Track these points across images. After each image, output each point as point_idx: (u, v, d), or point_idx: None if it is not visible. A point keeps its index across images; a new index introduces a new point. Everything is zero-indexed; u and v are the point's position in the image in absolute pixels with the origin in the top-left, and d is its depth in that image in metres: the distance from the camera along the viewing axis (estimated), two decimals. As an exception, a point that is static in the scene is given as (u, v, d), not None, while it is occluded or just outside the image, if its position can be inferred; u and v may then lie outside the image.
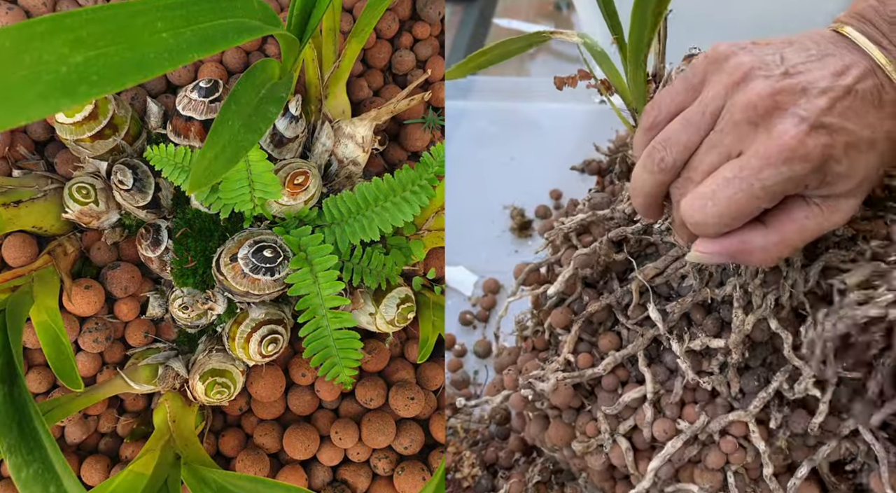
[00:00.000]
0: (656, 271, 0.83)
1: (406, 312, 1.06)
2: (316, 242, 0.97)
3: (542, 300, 0.94)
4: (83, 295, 1.06)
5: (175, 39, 0.60)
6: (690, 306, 0.81)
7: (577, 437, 0.88)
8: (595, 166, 1.05)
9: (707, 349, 0.82)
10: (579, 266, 0.86)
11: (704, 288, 0.80)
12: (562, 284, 0.88)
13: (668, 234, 0.83)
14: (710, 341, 0.80)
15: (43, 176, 1.09)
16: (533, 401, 0.89)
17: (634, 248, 0.86)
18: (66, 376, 0.94)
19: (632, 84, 0.78)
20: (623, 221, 0.86)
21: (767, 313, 0.77)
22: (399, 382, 1.14)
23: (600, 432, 0.86)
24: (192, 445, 1.02)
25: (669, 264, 0.83)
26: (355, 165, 1.11)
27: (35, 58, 0.50)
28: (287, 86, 0.84)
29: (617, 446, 0.85)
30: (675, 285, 0.84)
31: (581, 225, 0.89)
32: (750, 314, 0.77)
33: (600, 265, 0.87)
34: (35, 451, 0.78)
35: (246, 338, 1.01)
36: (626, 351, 0.85)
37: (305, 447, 1.10)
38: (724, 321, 0.81)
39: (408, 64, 1.31)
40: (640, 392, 0.84)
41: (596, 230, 0.88)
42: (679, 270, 0.82)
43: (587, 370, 0.86)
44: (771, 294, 0.76)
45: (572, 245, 0.91)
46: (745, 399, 0.81)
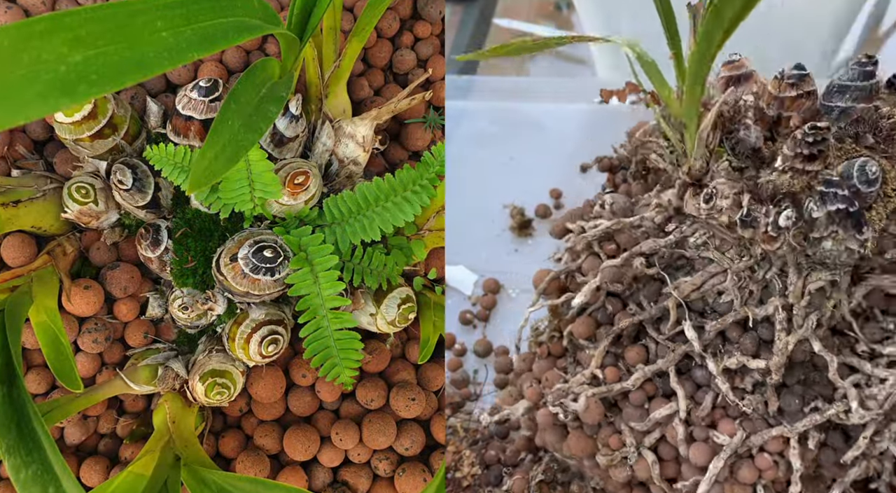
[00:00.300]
0: (693, 286, 0.82)
1: (407, 312, 1.06)
2: (316, 242, 0.97)
3: (562, 309, 0.93)
4: (82, 295, 1.06)
5: (175, 38, 0.60)
6: (730, 324, 0.81)
7: (601, 449, 0.87)
8: (607, 163, 1.04)
9: (743, 367, 0.81)
10: (608, 280, 0.85)
11: (744, 307, 0.79)
12: (587, 294, 0.86)
13: (704, 249, 0.81)
14: (748, 361, 0.79)
15: (42, 176, 1.09)
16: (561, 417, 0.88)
17: (665, 260, 0.85)
18: (66, 376, 0.94)
19: (687, 100, 0.75)
20: (652, 232, 0.85)
21: (809, 333, 0.76)
22: (400, 383, 1.14)
23: (625, 445, 0.85)
24: (191, 446, 1.02)
25: (707, 279, 0.82)
26: (356, 165, 1.11)
27: (34, 57, 0.50)
28: (287, 85, 0.84)
29: (643, 459, 0.85)
30: (710, 301, 0.83)
31: (605, 232, 0.88)
32: (791, 334, 0.76)
33: (627, 283, 0.86)
34: (34, 452, 0.78)
35: (246, 338, 1.01)
36: (657, 366, 0.84)
37: (306, 448, 1.09)
38: (762, 340, 0.80)
39: (409, 63, 1.31)
40: (671, 409, 0.83)
41: (621, 238, 0.87)
42: (716, 286, 0.81)
43: (616, 385, 0.85)
44: (813, 315, 0.76)
45: (594, 252, 0.90)
46: (782, 416, 0.80)
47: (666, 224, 0.85)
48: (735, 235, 0.78)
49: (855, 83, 0.72)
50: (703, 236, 0.81)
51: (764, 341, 0.80)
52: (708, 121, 0.75)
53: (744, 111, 0.77)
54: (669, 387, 0.84)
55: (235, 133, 0.72)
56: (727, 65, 0.79)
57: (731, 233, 0.78)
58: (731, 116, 0.78)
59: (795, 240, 0.72)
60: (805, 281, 0.75)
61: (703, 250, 0.81)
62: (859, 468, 0.80)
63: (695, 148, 0.77)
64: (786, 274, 0.76)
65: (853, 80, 0.73)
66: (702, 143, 0.77)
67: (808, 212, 0.70)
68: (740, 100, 0.78)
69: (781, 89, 0.75)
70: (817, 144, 0.69)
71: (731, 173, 0.76)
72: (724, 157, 0.76)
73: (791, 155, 0.71)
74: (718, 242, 0.80)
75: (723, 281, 0.80)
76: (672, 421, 0.83)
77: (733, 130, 0.77)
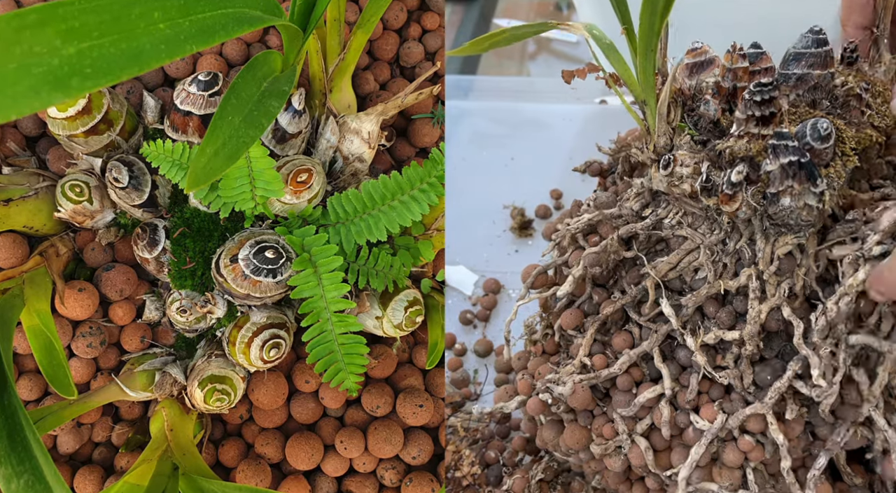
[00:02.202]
0: (669, 265, 0.85)
1: (414, 315, 1.05)
2: (320, 242, 0.97)
3: (551, 303, 0.96)
4: (76, 298, 1.06)
5: (173, 30, 0.60)
6: (704, 298, 0.83)
7: (595, 440, 0.90)
8: (596, 168, 1.08)
9: (721, 343, 0.84)
10: (589, 265, 0.88)
11: (718, 280, 0.82)
12: (571, 284, 0.90)
13: (678, 228, 0.84)
14: (724, 334, 0.82)
15: (34, 173, 1.08)
16: (550, 405, 0.91)
17: (644, 244, 0.88)
18: (59, 382, 0.94)
19: (641, 76, 0.79)
20: (631, 218, 0.88)
21: (781, 301, 0.79)
22: (407, 389, 1.14)
23: (618, 433, 0.88)
24: (190, 455, 1.01)
25: (682, 257, 0.84)
26: (361, 162, 1.11)
27: (25, 49, 0.49)
28: (290, 79, 0.83)
29: (636, 446, 0.87)
30: (687, 280, 0.86)
31: (588, 225, 0.91)
32: (764, 303, 0.79)
33: (610, 263, 0.89)
34: (25, 461, 0.78)
35: (247, 343, 1.00)
36: (641, 348, 0.87)
37: (309, 457, 1.09)
38: (738, 313, 0.83)
39: (416, 56, 1.31)
40: (656, 391, 0.86)
41: (603, 229, 0.90)
42: (692, 263, 0.84)
43: (603, 371, 0.87)
44: (785, 283, 0.79)
45: (580, 246, 0.93)
46: (759, 392, 0.83)
47: (644, 210, 0.88)
48: (701, 206, 0.81)
49: (809, 50, 0.77)
50: (676, 216, 0.84)
51: (740, 315, 0.83)
52: (664, 95, 0.79)
53: (705, 90, 0.81)
54: (656, 371, 0.87)
55: (236, 129, 0.72)
56: (690, 52, 0.82)
57: (696, 204, 0.81)
58: (693, 95, 0.81)
59: (754, 199, 0.74)
60: (773, 247, 0.78)
61: (678, 229, 0.84)
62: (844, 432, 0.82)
63: (656, 125, 0.81)
64: (755, 242, 0.80)
65: (807, 47, 0.77)
66: (662, 119, 0.80)
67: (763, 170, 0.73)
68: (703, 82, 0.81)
69: (734, 61, 0.78)
70: (767, 104, 0.72)
71: (692, 146, 0.80)
72: (685, 131, 0.80)
73: (744, 118, 0.74)
74: (690, 219, 0.83)
75: (697, 257, 0.83)
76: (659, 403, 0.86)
77: (695, 107, 0.81)
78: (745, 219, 0.78)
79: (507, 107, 1.56)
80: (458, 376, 1.19)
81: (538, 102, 1.52)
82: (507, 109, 1.56)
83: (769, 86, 0.72)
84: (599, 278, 0.92)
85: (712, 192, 0.76)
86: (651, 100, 0.80)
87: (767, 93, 0.72)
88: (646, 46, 0.75)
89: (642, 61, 0.77)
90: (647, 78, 0.79)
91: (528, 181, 1.42)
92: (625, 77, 0.83)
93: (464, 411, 1.16)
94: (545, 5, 2.05)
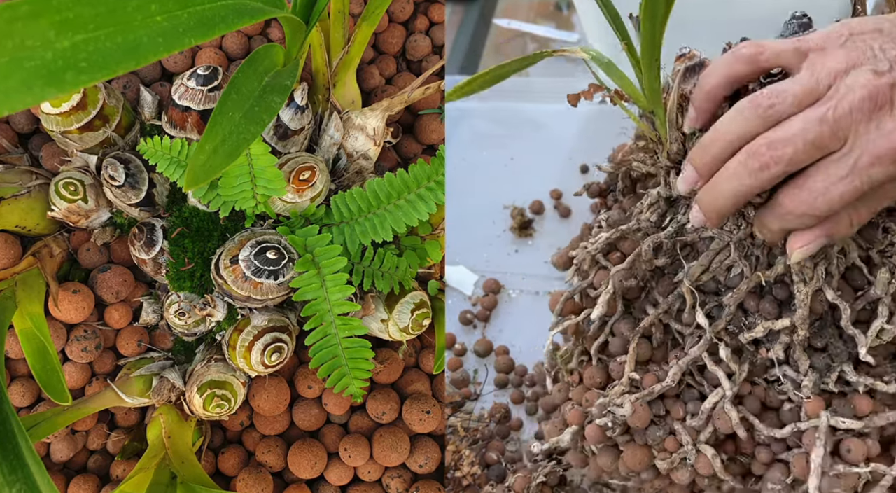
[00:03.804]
0: (702, 268, 0.86)
1: (421, 318, 1.05)
2: (323, 242, 0.97)
3: (583, 327, 0.97)
4: (71, 300, 1.06)
5: (171, 23, 0.60)
6: (745, 294, 0.85)
7: (657, 455, 0.90)
8: (596, 189, 1.10)
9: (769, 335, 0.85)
10: (621, 280, 0.90)
11: (756, 273, 0.83)
12: (604, 304, 0.91)
13: (703, 229, 0.85)
14: (773, 324, 0.83)
15: (27, 171, 1.08)
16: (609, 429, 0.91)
17: (669, 254, 0.90)
18: (53, 388, 0.94)
19: (647, 88, 0.81)
20: (651, 230, 0.90)
21: (822, 283, 0.81)
22: (414, 394, 1.14)
23: (682, 445, 0.88)
24: (188, 463, 1.01)
25: (713, 258, 0.86)
26: (366, 160, 1.11)
27: (17, 42, 0.49)
28: (292, 73, 0.83)
29: (702, 455, 0.88)
30: (721, 279, 0.87)
31: (607, 244, 0.93)
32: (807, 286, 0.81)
33: (645, 275, 0.91)
34: (17, 470, 0.77)
35: (248, 347, 1.00)
36: (690, 356, 0.88)
37: (312, 466, 1.09)
38: (780, 301, 0.85)
39: (423, 49, 1.31)
40: (718, 395, 0.86)
41: (624, 245, 0.93)
42: (724, 261, 0.85)
43: (657, 386, 0.88)
44: (821, 264, 0.81)
45: (602, 266, 0.95)
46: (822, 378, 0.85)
47: (662, 220, 0.90)
48: None
49: (798, 35, 0.78)
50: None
51: (782, 302, 0.85)
52: (672, 102, 0.81)
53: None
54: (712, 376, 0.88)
55: (236, 125, 0.72)
56: (680, 58, 0.84)
57: None
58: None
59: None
60: None
61: (703, 231, 0.86)
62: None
63: (667, 132, 0.83)
64: None
65: (795, 32, 0.79)
66: (672, 125, 0.82)
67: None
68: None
69: None
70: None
71: None
72: (696, 134, 0.81)
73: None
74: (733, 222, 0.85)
75: (728, 255, 0.85)
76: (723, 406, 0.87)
77: None
78: None
79: (506, 107, 1.59)
80: (458, 376, 1.21)
81: (538, 102, 1.55)
82: (506, 109, 1.59)
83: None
84: (630, 294, 0.93)
85: None
86: (659, 109, 0.82)
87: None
88: (650, 58, 0.77)
89: (647, 73, 0.79)
90: (653, 89, 0.81)
91: (528, 181, 1.44)
92: (629, 91, 0.85)
93: (464, 411, 1.17)
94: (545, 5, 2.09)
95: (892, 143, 0.66)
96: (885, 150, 0.66)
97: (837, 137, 0.67)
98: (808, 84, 0.69)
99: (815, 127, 0.68)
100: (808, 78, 0.69)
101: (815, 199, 0.69)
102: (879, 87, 0.66)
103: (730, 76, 0.75)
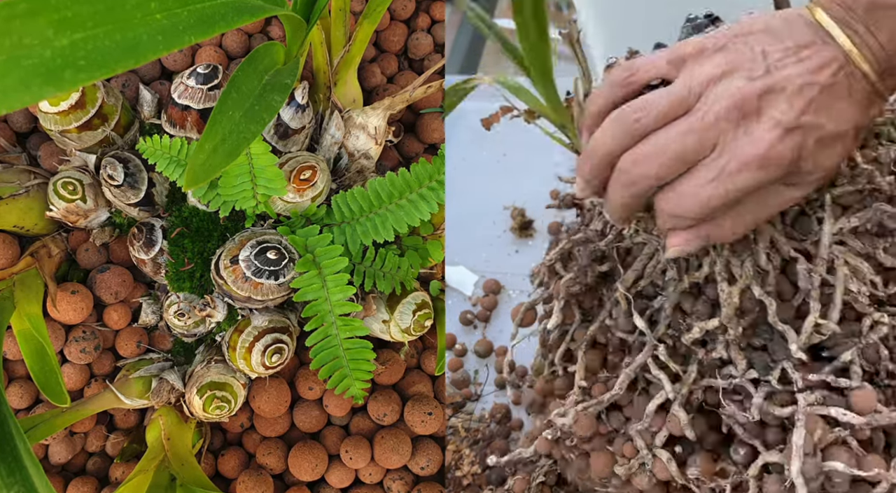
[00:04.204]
0: (636, 274, 0.88)
1: (423, 319, 1.05)
2: (324, 242, 0.97)
3: (545, 337, 0.99)
4: (69, 301, 1.06)
5: (170, 21, 0.60)
6: (678, 297, 0.86)
7: (618, 461, 0.90)
8: (569, 200, 1.12)
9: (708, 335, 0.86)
10: (568, 287, 0.92)
11: (685, 275, 0.85)
12: (558, 314, 0.93)
13: (636, 235, 0.88)
14: (705, 324, 0.83)
15: (25, 170, 1.08)
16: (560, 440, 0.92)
17: (615, 261, 0.92)
18: (51, 389, 0.94)
19: (549, 104, 0.83)
20: (595, 238, 0.92)
21: (750, 281, 0.81)
22: (415, 396, 1.14)
23: (638, 450, 0.88)
24: (188, 465, 1.01)
25: (646, 263, 0.88)
26: (367, 159, 1.11)
27: (15, 40, 0.49)
28: (293, 72, 0.83)
29: (658, 459, 0.88)
30: (659, 283, 0.88)
31: (561, 254, 0.95)
32: (734, 286, 0.82)
33: (589, 282, 0.93)
34: (16, 472, 0.77)
35: (248, 348, 1.00)
36: (637, 362, 0.88)
37: (313, 468, 1.09)
38: (713, 302, 0.85)
39: (425, 48, 1.31)
40: (662, 397, 0.87)
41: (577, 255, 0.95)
42: (657, 266, 0.87)
43: (605, 395, 0.89)
44: (748, 261, 0.82)
45: (559, 276, 0.96)
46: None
47: (606, 227, 0.93)
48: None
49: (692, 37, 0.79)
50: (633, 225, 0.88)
51: (715, 302, 0.86)
52: (577, 115, 0.82)
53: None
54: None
55: (236, 124, 0.72)
56: (607, 68, 0.85)
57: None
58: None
59: None
60: None
61: (635, 237, 0.88)
62: None
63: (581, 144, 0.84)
64: None
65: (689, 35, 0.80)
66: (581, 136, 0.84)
67: None
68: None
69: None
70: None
71: None
72: None
73: None
74: (644, 224, 0.86)
75: (660, 260, 0.87)
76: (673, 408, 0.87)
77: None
78: None
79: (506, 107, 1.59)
80: (458, 376, 1.22)
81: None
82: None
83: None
84: (586, 302, 0.95)
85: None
86: (568, 123, 0.84)
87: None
88: (541, 74, 0.78)
89: (544, 90, 0.81)
90: (553, 104, 0.82)
91: (528, 182, 1.46)
92: (540, 109, 0.87)
93: (464, 411, 1.18)
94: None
95: (758, 150, 0.66)
96: (751, 156, 0.66)
97: (705, 146, 0.68)
98: (679, 94, 0.69)
99: (679, 140, 0.68)
100: (679, 87, 0.70)
101: (683, 201, 0.70)
102: (747, 95, 0.66)
103: (610, 101, 0.75)
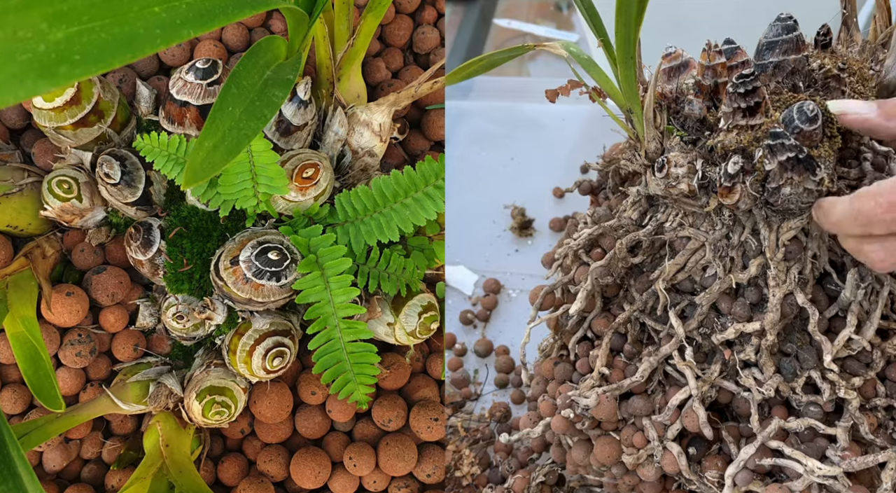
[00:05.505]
0: (677, 267, 0.90)
1: (429, 322, 1.05)
2: (327, 242, 0.97)
3: (562, 322, 1.01)
4: (64, 303, 1.06)
5: (168, 14, 0.59)
6: (718, 294, 0.88)
7: (625, 451, 0.93)
8: (587, 186, 1.15)
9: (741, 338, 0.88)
10: (598, 277, 0.93)
11: (729, 275, 0.87)
12: (583, 300, 0.94)
13: (681, 229, 0.89)
14: (744, 326, 0.86)
15: (18, 168, 1.08)
16: (575, 422, 0.93)
17: (648, 252, 0.93)
18: (45, 394, 0.94)
19: (623, 85, 0.85)
20: (632, 227, 0.94)
21: (794, 287, 0.84)
22: (421, 401, 1.14)
23: (649, 441, 0.91)
24: (187, 472, 1.01)
25: (689, 257, 0.89)
26: (371, 157, 1.10)
27: (9, 34, 0.49)
28: (295, 67, 0.83)
29: (668, 452, 0.90)
30: (697, 279, 0.90)
31: (589, 240, 0.97)
32: (778, 289, 0.84)
33: (620, 272, 0.94)
34: (8, 480, 0.77)
35: (249, 351, 1.00)
36: (662, 353, 0.91)
37: (316, 475, 1.09)
38: (752, 304, 0.88)
39: (431, 42, 1.31)
40: (685, 393, 0.89)
41: (605, 242, 0.96)
42: (699, 262, 0.89)
43: (626, 380, 0.91)
44: (794, 267, 0.84)
45: (583, 262, 0.98)
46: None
47: (643, 218, 0.94)
48: (700, 204, 0.86)
49: (781, 37, 0.82)
50: (677, 218, 0.90)
51: (754, 305, 0.88)
52: (649, 100, 0.85)
53: (686, 91, 0.87)
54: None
55: (236, 121, 0.71)
56: (666, 57, 0.88)
57: (695, 203, 0.86)
58: (676, 98, 0.88)
59: (753, 188, 0.79)
60: (777, 233, 0.83)
61: (680, 230, 0.89)
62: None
63: (645, 130, 0.87)
64: (758, 232, 0.85)
65: (779, 35, 0.82)
66: (650, 124, 0.86)
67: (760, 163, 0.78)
68: (683, 84, 0.88)
69: (711, 58, 0.85)
70: (751, 95, 0.78)
71: (683, 146, 0.86)
72: (674, 133, 0.86)
73: (730, 111, 0.79)
74: (691, 218, 0.89)
75: (704, 255, 0.88)
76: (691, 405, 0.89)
77: (679, 109, 0.88)
78: (745, 210, 0.83)
79: (506, 107, 1.65)
80: (458, 376, 1.25)
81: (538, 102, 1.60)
82: (506, 109, 1.65)
83: (751, 76, 0.77)
84: (609, 290, 0.97)
85: (710, 188, 0.82)
86: (636, 107, 0.86)
87: (750, 83, 0.77)
88: (624, 55, 0.80)
89: (623, 71, 0.82)
90: (630, 86, 0.84)
91: (528, 181, 1.50)
92: (607, 88, 0.90)
93: (464, 411, 1.21)
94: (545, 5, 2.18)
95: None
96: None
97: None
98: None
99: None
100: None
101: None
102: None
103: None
